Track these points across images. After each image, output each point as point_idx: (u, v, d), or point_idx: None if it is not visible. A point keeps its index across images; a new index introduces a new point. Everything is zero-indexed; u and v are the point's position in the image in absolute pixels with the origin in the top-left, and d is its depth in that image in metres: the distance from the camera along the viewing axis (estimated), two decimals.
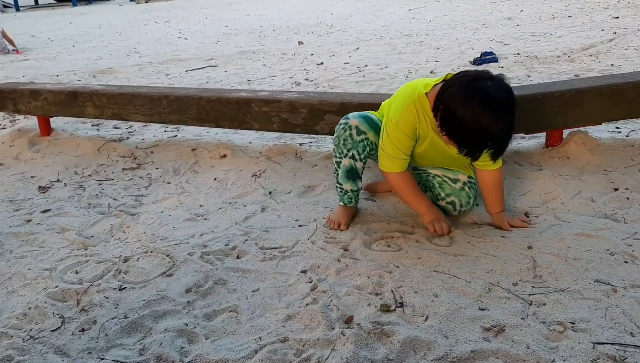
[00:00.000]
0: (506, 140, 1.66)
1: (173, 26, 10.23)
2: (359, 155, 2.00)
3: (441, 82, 1.76)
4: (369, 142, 2.00)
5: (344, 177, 2.05)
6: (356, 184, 2.06)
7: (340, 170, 2.04)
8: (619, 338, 1.37)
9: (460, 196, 1.99)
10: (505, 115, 1.62)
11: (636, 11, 6.91)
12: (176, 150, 2.97)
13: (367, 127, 1.99)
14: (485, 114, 1.58)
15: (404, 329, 1.46)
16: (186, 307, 1.65)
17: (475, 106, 1.59)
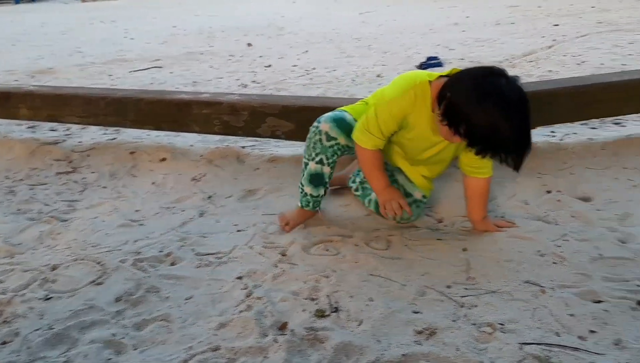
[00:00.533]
0: (523, 144, 1.58)
1: (120, 26, 9.97)
2: (327, 160, 1.95)
3: (446, 75, 1.73)
4: (339, 147, 1.94)
5: (307, 180, 2.01)
6: (317, 190, 2.01)
7: (306, 172, 2.00)
8: (545, 338, 1.40)
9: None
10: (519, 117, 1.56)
11: (575, 19, 7.18)
12: (114, 153, 2.87)
13: (338, 132, 1.91)
14: (497, 115, 1.52)
15: (337, 334, 1.45)
16: (115, 317, 1.59)
17: (488, 106, 1.53)
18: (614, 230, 1.91)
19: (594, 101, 2.48)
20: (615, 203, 2.10)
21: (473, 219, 1.97)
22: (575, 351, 1.35)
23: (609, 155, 2.51)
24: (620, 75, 2.64)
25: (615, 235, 1.87)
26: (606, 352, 1.35)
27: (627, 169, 2.37)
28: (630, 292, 1.57)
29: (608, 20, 6.87)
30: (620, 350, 1.35)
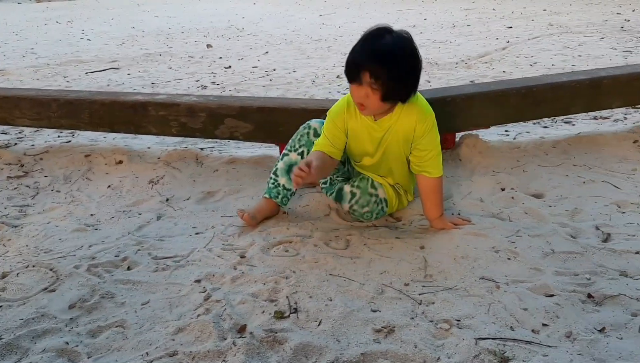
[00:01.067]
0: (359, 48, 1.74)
1: (76, 26, 9.73)
2: (307, 155, 2.00)
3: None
4: None
5: (284, 171, 2.04)
6: (291, 183, 2.02)
7: (283, 162, 2.04)
8: (499, 333, 1.43)
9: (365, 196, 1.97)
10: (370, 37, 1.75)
11: (528, 21, 7.38)
12: (68, 156, 2.80)
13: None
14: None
15: (296, 335, 1.45)
16: (69, 324, 1.55)
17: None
18: (565, 225, 1.97)
19: (545, 101, 2.56)
20: (566, 199, 2.17)
21: (429, 217, 2.00)
22: (528, 344, 1.38)
23: (560, 153, 2.59)
24: (570, 75, 2.73)
25: (566, 230, 1.93)
26: (558, 344, 1.39)
27: (577, 167, 2.45)
28: (580, 285, 1.62)
29: (559, 23, 7.09)
30: (571, 342, 1.39)
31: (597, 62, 4.67)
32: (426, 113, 1.90)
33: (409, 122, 1.89)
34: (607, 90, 2.66)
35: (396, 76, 1.73)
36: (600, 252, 1.79)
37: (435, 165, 1.94)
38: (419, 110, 1.89)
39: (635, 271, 1.68)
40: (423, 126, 1.89)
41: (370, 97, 1.76)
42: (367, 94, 1.75)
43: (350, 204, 1.98)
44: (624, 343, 1.38)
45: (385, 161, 1.99)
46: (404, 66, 1.75)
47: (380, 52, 1.71)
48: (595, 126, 2.99)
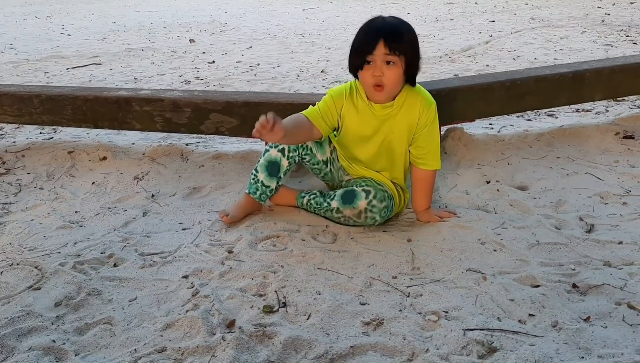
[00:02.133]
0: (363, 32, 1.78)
1: (55, 21, 9.59)
2: (289, 152, 1.97)
3: None
4: (304, 146, 1.99)
5: (264, 167, 2.00)
6: (271, 180, 1.99)
7: (264, 158, 2.00)
8: (487, 324, 1.44)
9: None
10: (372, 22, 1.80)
11: (510, 15, 7.43)
12: (51, 153, 2.76)
13: None
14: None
15: (286, 329, 1.45)
16: (55, 322, 1.53)
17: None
18: (549, 216, 1.99)
19: (528, 94, 2.58)
20: (550, 191, 2.19)
21: (416, 209, 2.00)
22: (515, 334, 1.40)
23: (544, 145, 2.62)
24: (553, 69, 2.75)
25: (551, 222, 1.95)
26: (544, 334, 1.40)
27: (560, 159, 2.48)
28: (565, 276, 1.64)
29: (540, 17, 7.15)
30: (557, 332, 1.41)
31: (578, 55, 4.73)
32: (430, 103, 1.90)
33: (413, 112, 1.88)
34: (589, 83, 2.69)
35: (410, 47, 1.77)
36: (584, 243, 1.81)
37: (435, 157, 1.94)
38: (423, 99, 1.89)
39: (618, 261, 1.71)
40: (426, 116, 1.89)
41: (387, 73, 1.76)
42: (382, 70, 1.75)
43: (369, 200, 1.88)
44: (608, 331, 1.40)
45: (384, 151, 1.96)
46: (413, 38, 1.79)
47: (391, 25, 1.77)
48: (577, 119, 3.03)
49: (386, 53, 1.73)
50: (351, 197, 1.91)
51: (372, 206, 1.89)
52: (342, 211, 1.92)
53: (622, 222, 1.94)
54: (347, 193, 1.93)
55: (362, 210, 1.90)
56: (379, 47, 1.73)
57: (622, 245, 1.79)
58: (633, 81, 2.77)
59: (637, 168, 2.36)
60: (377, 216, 1.91)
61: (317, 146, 2.03)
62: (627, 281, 1.60)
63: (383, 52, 1.73)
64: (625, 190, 2.18)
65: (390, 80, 1.78)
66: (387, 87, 1.79)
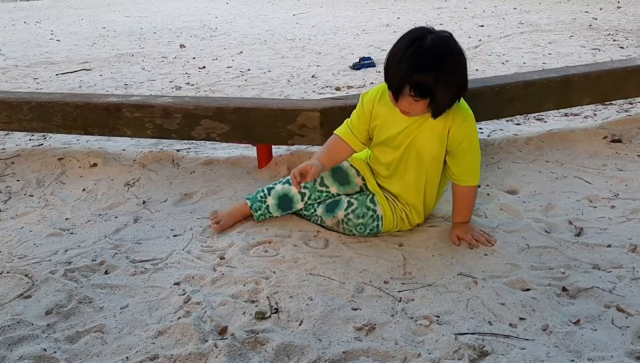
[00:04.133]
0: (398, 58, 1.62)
1: (44, 27, 9.54)
2: (307, 199, 1.99)
3: None
4: (328, 195, 2.00)
5: (277, 197, 2.00)
6: (277, 211, 2.02)
7: (283, 189, 2.00)
8: (478, 328, 1.45)
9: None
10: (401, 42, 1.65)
11: (499, 20, 7.49)
12: (41, 160, 2.75)
13: (332, 181, 1.99)
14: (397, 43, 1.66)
15: (278, 335, 1.45)
16: (46, 330, 1.53)
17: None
18: (539, 220, 2.01)
19: (517, 98, 2.60)
20: (540, 195, 2.21)
21: (453, 220, 1.92)
22: (506, 338, 1.41)
23: (533, 149, 2.64)
24: (542, 73, 2.78)
25: (541, 226, 1.97)
26: (535, 337, 1.42)
27: (549, 163, 2.50)
28: (555, 279, 1.65)
29: (529, 22, 7.21)
30: (547, 335, 1.42)
31: (566, 59, 4.77)
32: (465, 116, 1.78)
33: (443, 121, 1.76)
34: (577, 87, 2.71)
35: (444, 87, 1.62)
36: (573, 246, 1.83)
37: (472, 173, 1.85)
38: (457, 110, 1.77)
39: (607, 264, 1.72)
40: (458, 128, 1.77)
41: (414, 106, 1.68)
42: (410, 103, 1.66)
43: (346, 212, 1.90)
44: (598, 334, 1.42)
45: (409, 157, 1.85)
46: (449, 77, 1.63)
47: (426, 63, 1.59)
48: (566, 123, 3.06)
49: (410, 95, 1.63)
50: (333, 206, 1.94)
51: (348, 219, 1.90)
52: (324, 219, 1.95)
53: (611, 225, 1.96)
54: (333, 202, 1.95)
55: (340, 221, 1.92)
56: (403, 95, 1.64)
57: (611, 248, 1.81)
58: (620, 85, 2.80)
59: (625, 171, 2.39)
60: (353, 230, 1.91)
61: (344, 186, 2.00)
62: (616, 284, 1.61)
63: (408, 92, 1.63)
64: (614, 193, 2.20)
65: (416, 111, 1.71)
66: (413, 113, 1.73)
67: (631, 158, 2.52)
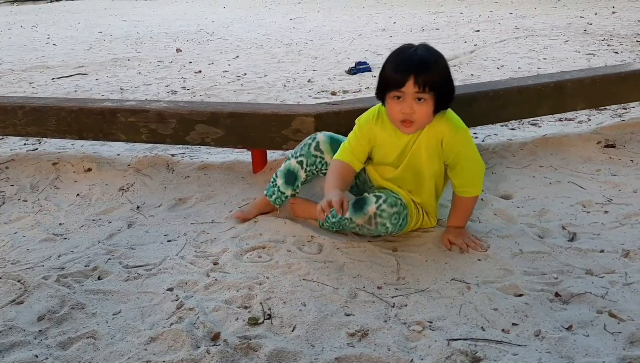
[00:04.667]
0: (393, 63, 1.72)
1: (41, 31, 9.54)
2: (306, 166, 2.03)
3: None
4: (321, 161, 2.03)
5: (283, 173, 2.07)
6: (287, 188, 2.06)
7: (284, 165, 2.07)
8: (471, 334, 1.45)
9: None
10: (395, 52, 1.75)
11: (494, 25, 7.52)
12: (35, 165, 2.74)
13: (328, 149, 2.02)
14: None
15: (271, 341, 1.45)
16: (38, 337, 1.52)
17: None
18: (533, 225, 2.01)
19: (512, 103, 2.61)
20: (533, 200, 2.22)
21: (449, 223, 1.93)
22: (499, 344, 1.41)
23: (527, 154, 2.65)
24: (536, 78, 2.79)
25: (534, 231, 1.97)
26: (527, 343, 1.42)
27: (543, 168, 2.51)
28: (548, 285, 1.66)
29: (524, 27, 7.24)
30: (540, 341, 1.42)
31: (561, 64, 4.79)
32: (457, 128, 1.79)
33: (435, 135, 1.79)
34: (572, 92, 2.72)
35: (442, 82, 1.70)
36: (566, 251, 1.83)
37: (474, 184, 1.86)
38: (448, 121, 1.79)
39: (600, 270, 1.73)
40: (452, 141, 1.78)
41: (417, 110, 1.69)
42: (412, 108, 1.69)
43: (378, 204, 1.83)
44: (590, 340, 1.42)
45: (409, 174, 1.89)
46: (445, 71, 1.73)
47: (422, 59, 1.68)
48: (560, 128, 3.07)
49: (417, 91, 1.66)
50: (361, 204, 1.87)
51: (382, 211, 1.83)
52: (354, 220, 1.88)
53: (604, 230, 1.96)
54: (358, 201, 1.89)
55: (372, 215, 1.84)
56: (408, 85, 1.66)
57: (604, 253, 1.82)
58: (614, 90, 2.81)
59: (618, 176, 2.40)
60: (387, 222, 1.84)
61: None
62: (609, 290, 1.62)
63: (413, 90, 1.66)
64: (607, 198, 2.20)
65: (420, 116, 1.71)
66: (417, 122, 1.73)
67: (624, 163, 2.53)
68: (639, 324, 1.46)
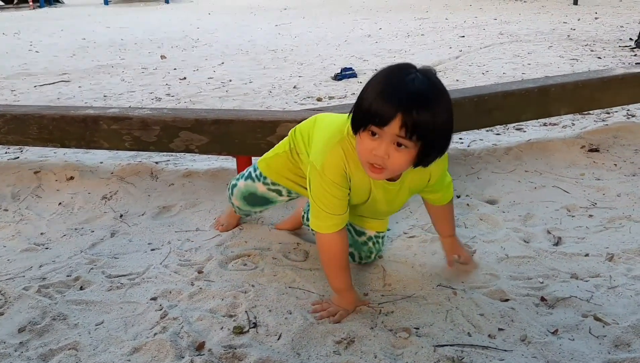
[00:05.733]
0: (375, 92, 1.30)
1: (23, 38, 9.44)
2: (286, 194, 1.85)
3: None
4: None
5: (241, 198, 1.92)
6: (253, 210, 1.99)
7: (240, 189, 1.90)
8: (457, 339, 1.45)
9: (361, 249, 1.78)
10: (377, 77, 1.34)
11: (479, 31, 7.57)
12: (16, 173, 2.70)
13: (250, 209, 1.99)
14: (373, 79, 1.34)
15: (256, 350, 1.43)
16: (18, 349, 1.49)
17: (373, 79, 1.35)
18: (518, 230, 2.02)
19: (496, 109, 2.63)
20: (519, 205, 2.22)
21: (443, 234, 1.78)
22: (485, 350, 1.41)
23: (512, 159, 2.66)
24: (520, 84, 2.81)
25: (519, 235, 1.98)
26: (513, 348, 1.41)
27: (528, 173, 2.52)
28: (533, 289, 1.66)
29: (509, 32, 7.30)
30: (526, 346, 1.42)
31: (545, 70, 4.83)
32: (443, 159, 1.48)
33: (423, 174, 1.54)
34: (555, 97, 2.75)
35: (436, 131, 1.30)
36: (552, 256, 1.84)
37: (449, 191, 1.69)
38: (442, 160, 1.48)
39: (585, 273, 1.73)
40: (438, 172, 1.57)
41: (393, 156, 1.32)
42: (387, 152, 1.31)
43: (358, 261, 1.80)
44: (576, 344, 1.42)
45: (384, 212, 1.71)
46: (444, 117, 1.31)
47: (419, 94, 1.27)
48: (545, 133, 3.09)
49: (399, 135, 1.28)
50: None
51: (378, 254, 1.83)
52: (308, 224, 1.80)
53: (588, 234, 1.97)
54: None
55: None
56: (392, 125, 1.27)
57: (589, 257, 1.82)
58: (597, 95, 2.84)
59: (602, 180, 2.42)
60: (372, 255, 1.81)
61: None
62: (594, 293, 1.62)
63: (396, 131, 1.28)
64: (591, 202, 2.22)
65: (394, 165, 1.34)
66: (387, 170, 1.36)
67: (608, 167, 2.55)
68: (623, 327, 1.47)
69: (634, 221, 2.05)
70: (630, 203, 2.19)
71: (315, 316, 1.56)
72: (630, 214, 2.09)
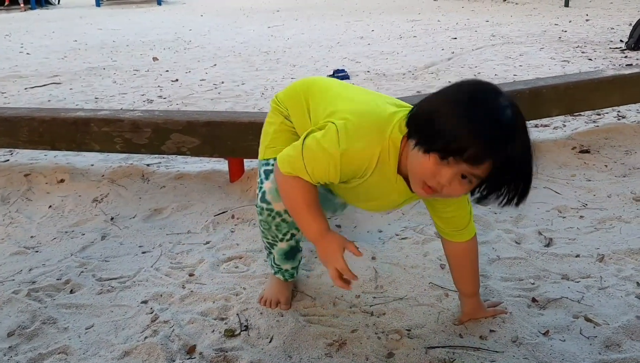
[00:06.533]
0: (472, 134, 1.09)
1: (14, 40, 9.38)
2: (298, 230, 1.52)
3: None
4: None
5: (282, 259, 1.60)
6: (297, 259, 1.63)
7: (277, 254, 1.59)
8: (449, 341, 1.45)
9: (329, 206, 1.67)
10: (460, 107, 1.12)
11: (471, 33, 7.60)
12: (6, 176, 2.68)
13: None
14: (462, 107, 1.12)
15: (247, 353, 1.43)
16: (7, 353, 1.48)
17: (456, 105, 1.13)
18: (509, 231, 2.02)
19: None
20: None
21: (463, 293, 1.54)
22: (476, 351, 1.41)
23: None
24: (511, 85, 2.81)
25: (511, 237, 1.98)
26: (505, 349, 1.42)
27: None
28: (525, 290, 1.66)
29: (500, 34, 7.33)
30: (517, 347, 1.42)
31: (537, 71, 4.85)
32: None
33: None
34: (547, 99, 2.75)
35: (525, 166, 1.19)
36: (543, 257, 1.84)
37: (471, 221, 1.47)
38: None
39: (576, 274, 1.74)
40: None
41: (455, 185, 1.16)
42: (450, 182, 1.15)
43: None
44: (567, 345, 1.42)
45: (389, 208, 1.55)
46: (528, 151, 1.19)
47: (509, 129, 1.13)
48: (536, 134, 3.09)
49: (473, 173, 1.13)
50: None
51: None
52: None
53: (579, 235, 1.98)
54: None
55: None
56: (483, 167, 1.12)
57: (580, 258, 1.83)
58: (588, 96, 2.85)
59: (593, 181, 2.43)
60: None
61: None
62: (584, 294, 1.63)
63: (478, 173, 1.13)
64: (582, 204, 2.23)
65: (451, 193, 1.18)
66: (440, 194, 1.20)
67: (599, 169, 2.56)
68: (614, 328, 1.47)
69: (625, 221, 2.06)
70: (621, 204, 2.20)
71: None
72: (621, 215, 2.10)
